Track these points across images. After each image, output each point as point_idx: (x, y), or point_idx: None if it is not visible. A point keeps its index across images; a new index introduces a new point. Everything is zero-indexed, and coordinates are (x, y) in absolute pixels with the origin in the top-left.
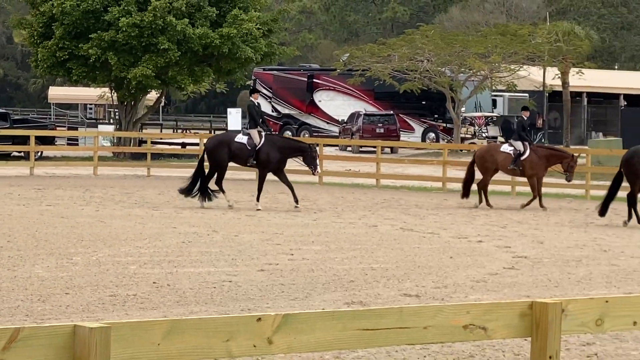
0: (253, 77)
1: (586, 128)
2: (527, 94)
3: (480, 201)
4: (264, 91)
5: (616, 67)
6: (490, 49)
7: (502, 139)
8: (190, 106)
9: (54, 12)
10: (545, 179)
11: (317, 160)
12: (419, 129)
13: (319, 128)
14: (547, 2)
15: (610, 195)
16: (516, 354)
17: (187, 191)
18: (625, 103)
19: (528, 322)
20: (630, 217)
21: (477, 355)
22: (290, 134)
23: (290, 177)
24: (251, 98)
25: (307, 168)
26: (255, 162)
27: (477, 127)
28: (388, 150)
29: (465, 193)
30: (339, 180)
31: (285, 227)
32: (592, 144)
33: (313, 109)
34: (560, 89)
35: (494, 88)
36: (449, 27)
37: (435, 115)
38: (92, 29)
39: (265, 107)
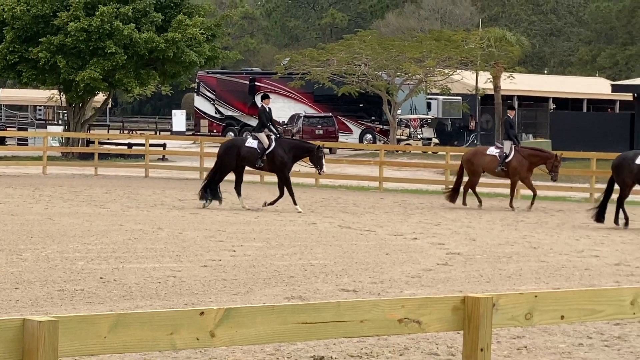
0: (197, 80)
1: (518, 129)
2: (460, 97)
3: (480, 202)
4: (208, 94)
5: (546, 71)
6: (425, 53)
7: (437, 140)
8: (137, 108)
9: (4, 16)
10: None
11: (324, 160)
12: (356, 131)
13: None
14: (479, 9)
15: (605, 201)
16: (449, 346)
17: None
18: (554, 106)
19: (460, 315)
20: (617, 217)
21: (411, 348)
22: (232, 135)
23: (230, 176)
24: (262, 103)
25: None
26: (262, 164)
27: (412, 129)
28: (327, 150)
29: (453, 197)
30: None
31: (228, 224)
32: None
33: (255, 110)
34: (492, 92)
35: (428, 91)
36: (385, 32)
37: (372, 118)
38: (41, 33)
39: (208, 109)
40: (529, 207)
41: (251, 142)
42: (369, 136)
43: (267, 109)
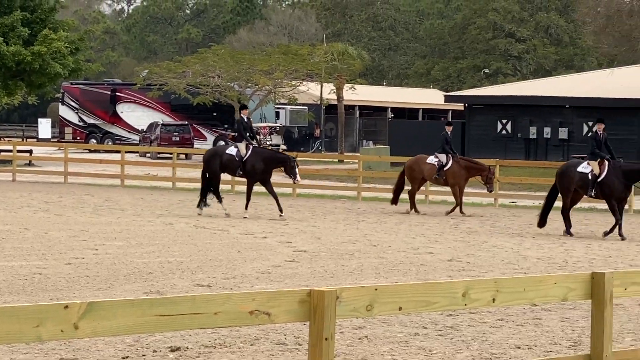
0: (62, 91)
1: (358, 137)
2: (306, 107)
3: (411, 208)
4: (72, 103)
5: (384, 83)
6: (274, 66)
7: (285, 147)
8: (4, 116)
9: None
10: (324, 182)
11: (297, 170)
12: (210, 138)
13: (121, 137)
14: (324, 26)
15: (547, 207)
16: (296, 337)
17: (202, 203)
18: (393, 115)
19: (307, 308)
20: (568, 225)
21: (261, 338)
22: (95, 142)
23: (92, 180)
24: (241, 114)
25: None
26: (241, 172)
27: (262, 136)
28: (183, 156)
29: (395, 200)
30: (138, 183)
31: (91, 225)
32: (363, 151)
33: (116, 119)
34: (336, 102)
35: (277, 101)
36: (237, 47)
37: (225, 125)
38: None
39: (72, 118)
40: (448, 212)
41: (231, 150)
42: (222, 143)
43: (246, 119)
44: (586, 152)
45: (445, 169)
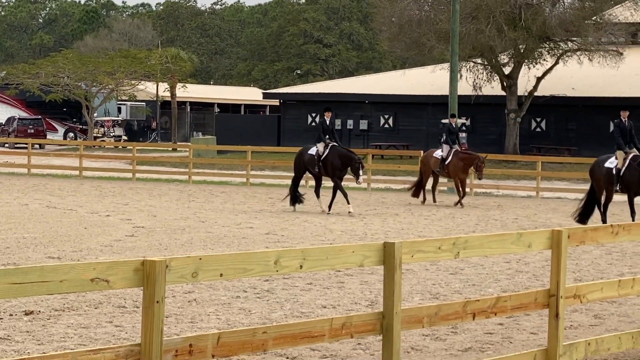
0: None
1: (189, 129)
2: (144, 103)
3: (427, 199)
4: None
5: (212, 82)
6: (116, 68)
7: (126, 137)
8: None
9: None
10: (160, 167)
11: (361, 171)
12: (61, 130)
13: None
14: (159, 33)
15: (588, 205)
16: (135, 300)
17: (293, 200)
18: (219, 110)
19: (140, 275)
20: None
21: (104, 302)
22: None
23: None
24: (325, 116)
25: None
26: (317, 170)
27: (106, 129)
28: (37, 146)
29: (416, 193)
30: None
31: None
32: (194, 141)
33: None
34: (170, 99)
35: (119, 98)
36: (84, 51)
37: (74, 119)
38: None
39: None
40: (456, 203)
41: (312, 150)
42: (71, 134)
43: (327, 122)
44: (382, 141)
45: (446, 162)
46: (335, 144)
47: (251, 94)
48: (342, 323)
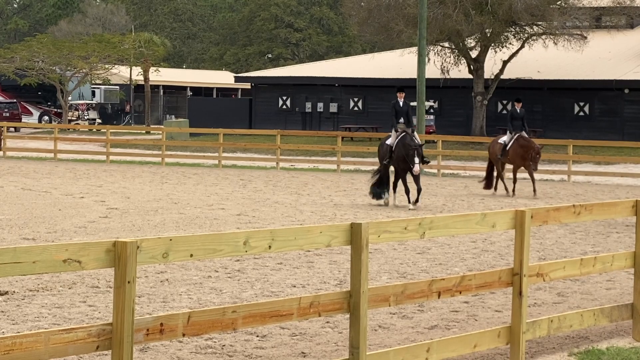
0: None
1: (162, 112)
2: (118, 87)
3: (498, 188)
4: None
5: (184, 66)
6: (90, 52)
7: (100, 120)
8: None
9: None
10: (133, 150)
11: (416, 159)
12: (36, 113)
13: None
14: (132, 18)
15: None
16: (108, 281)
17: (385, 193)
18: (191, 93)
19: (112, 256)
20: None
21: (78, 283)
22: None
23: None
24: (397, 97)
25: None
26: (388, 160)
27: (80, 112)
28: (13, 129)
29: (488, 184)
30: None
31: None
32: (167, 124)
33: None
34: (143, 82)
35: (93, 82)
36: (58, 36)
37: (49, 103)
38: None
39: None
40: (534, 194)
41: (388, 140)
42: (46, 117)
43: (400, 103)
44: (351, 124)
45: (507, 148)
46: (405, 132)
47: (223, 78)
48: (310, 302)
